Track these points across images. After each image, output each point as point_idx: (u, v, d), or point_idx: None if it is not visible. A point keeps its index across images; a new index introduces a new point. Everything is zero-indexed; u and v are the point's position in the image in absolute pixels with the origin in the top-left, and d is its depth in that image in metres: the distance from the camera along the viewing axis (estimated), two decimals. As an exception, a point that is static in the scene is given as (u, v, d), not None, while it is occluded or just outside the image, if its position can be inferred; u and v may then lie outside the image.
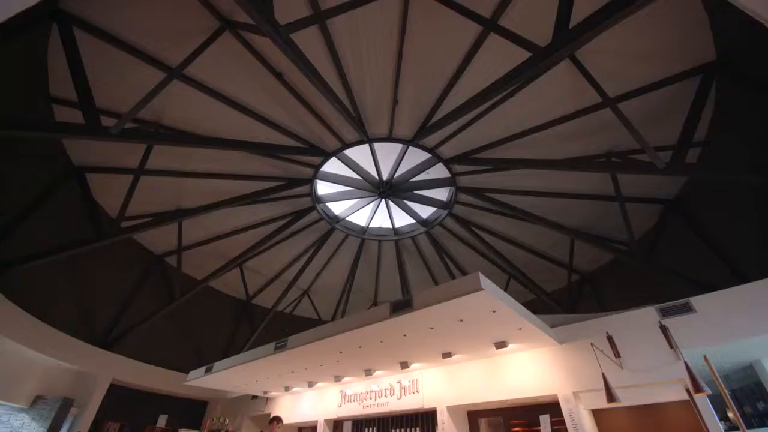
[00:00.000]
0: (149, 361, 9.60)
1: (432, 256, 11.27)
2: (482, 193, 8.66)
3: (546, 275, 10.59)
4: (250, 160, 7.87)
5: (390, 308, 4.38)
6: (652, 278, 7.76)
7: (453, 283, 3.97)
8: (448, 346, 5.41)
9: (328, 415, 7.84)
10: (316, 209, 9.54)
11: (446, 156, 8.00)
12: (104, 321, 9.00)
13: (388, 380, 7.08)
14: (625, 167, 6.50)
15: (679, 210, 7.53)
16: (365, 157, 8.71)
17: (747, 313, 4.15)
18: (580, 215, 8.63)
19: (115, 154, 7.33)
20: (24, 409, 7.39)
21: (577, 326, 5.23)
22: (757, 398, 5.52)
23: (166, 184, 8.13)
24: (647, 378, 4.34)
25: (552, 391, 5.04)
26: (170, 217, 8.22)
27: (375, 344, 5.33)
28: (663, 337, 4.43)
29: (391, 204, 10.11)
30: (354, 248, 11.20)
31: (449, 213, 9.59)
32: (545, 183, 8.11)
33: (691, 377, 3.24)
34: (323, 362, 6.35)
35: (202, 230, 9.63)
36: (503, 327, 4.63)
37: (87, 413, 8.01)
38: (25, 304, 6.82)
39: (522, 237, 9.93)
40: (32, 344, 6.86)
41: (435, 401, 6.24)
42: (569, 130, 6.87)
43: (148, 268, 10.05)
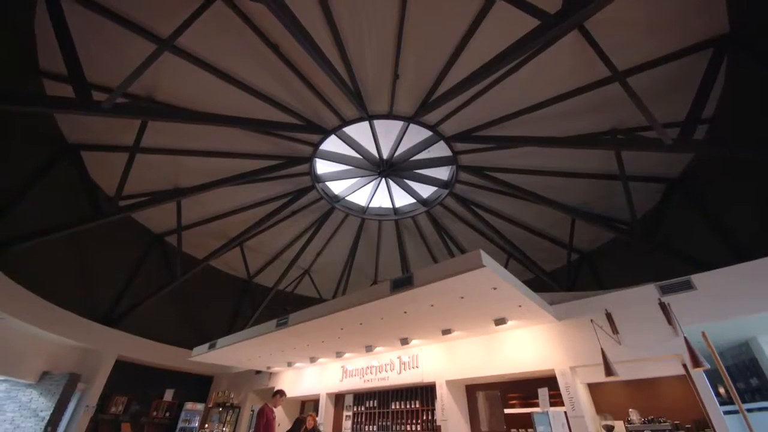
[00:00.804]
0: (153, 338, 9.78)
1: (432, 235, 11.27)
2: (483, 172, 8.55)
3: (545, 254, 10.63)
4: (248, 138, 7.71)
5: (390, 286, 4.39)
6: (651, 258, 7.77)
7: (454, 261, 3.95)
8: (448, 323, 5.47)
9: (330, 388, 8.05)
10: (316, 188, 9.45)
11: (448, 134, 7.84)
12: (106, 299, 9.10)
13: (388, 356, 7.22)
14: (631, 144, 6.37)
15: (683, 189, 7.45)
16: (365, 135, 8.54)
17: (747, 290, 4.17)
18: (581, 194, 8.55)
19: (110, 131, 7.18)
20: (31, 384, 7.58)
21: (576, 303, 5.27)
22: (750, 374, 5.64)
23: (163, 162, 8.02)
24: (644, 353, 4.41)
25: (549, 366, 5.13)
26: (168, 196, 8.14)
27: (375, 321, 5.39)
28: (662, 314, 4.46)
29: (391, 183, 10.01)
30: (354, 228, 11.19)
31: (450, 192, 9.50)
32: (547, 161, 7.99)
33: (690, 352, 3.27)
34: (324, 339, 6.45)
35: (202, 209, 9.58)
36: (503, 304, 4.66)
37: (94, 388, 8.22)
38: (26, 283, 6.85)
39: (522, 216, 9.89)
40: (36, 322, 6.94)
41: (434, 376, 6.38)
42: (573, 106, 6.70)
43: (149, 247, 10.08)
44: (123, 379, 9.44)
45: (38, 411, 7.22)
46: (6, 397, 7.51)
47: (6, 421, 7.22)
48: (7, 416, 7.27)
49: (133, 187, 8.14)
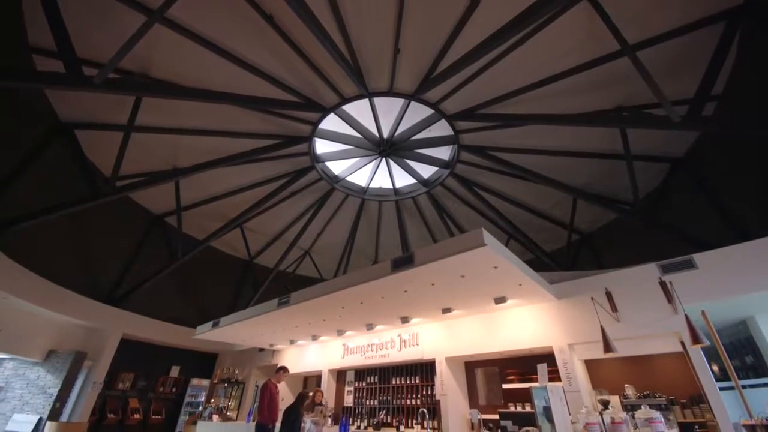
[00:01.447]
0: (157, 318, 9.92)
1: (432, 216, 11.23)
2: (485, 152, 8.41)
3: (546, 235, 10.63)
4: (246, 117, 7.54)
5: (391, 265, 4.38)
6: (652, 239, 7.75)
7: (455, 240, 3.92)
8: (449, 301, 5.50)
9: (332, 365, 8.22)
10: (315, 169, 9.33)
11: (449, 112, 7.65)
12: (108, 280, 9.17)
13: (388, 334, 7.33)
14: (638, 121, 6.22)
15: (686, 168, 7.35)
16: (365, 114, 8.35)
17: (748, 270, 4.16)
18: (583, 174, 8.45)
19: (104, 109, 7.02)
20: (38, 362, 7.74)
21: (575, 282, 5.29)
22: (746, 352, 5.75)
23: (160, 141, 7.88)
24: (643, 331, 4.45)
25: (548, 343, 5.21)
26: (166, 176, 8.05)
27: (376, 300, 5.42)
28: (661, 293, 4.48)
29: (391, 163, 9.88)
30: (354, 208, 11.13)
31: (451, 172, 9.39)
32: (550, 141, 7.85)
33: (691, 330, 3.30)
34: (326, 317, 6.52)
35: (201, 190, 9.50)
36: (504, 283, 4.67)
37: (101, 365, 8.40)
38: (27, 264, 6.86)
39: (523, 197, 9.82)
40: (39, 301, 7.01)
41: (434, 353, 6.49)
42: (578, 83, 6.50)
43: (149, 228, 10.07)
44: (129, 356, 9.65)
45: (46, 388, 7.40)
46: (14, 375, 7.69)
47: (15, 398, 7.41)
48: (16, 393, 7.46)
49: (131, 168, 8.05)
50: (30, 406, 7.21)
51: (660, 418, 2.71)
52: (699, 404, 4.41)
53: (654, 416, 2.72)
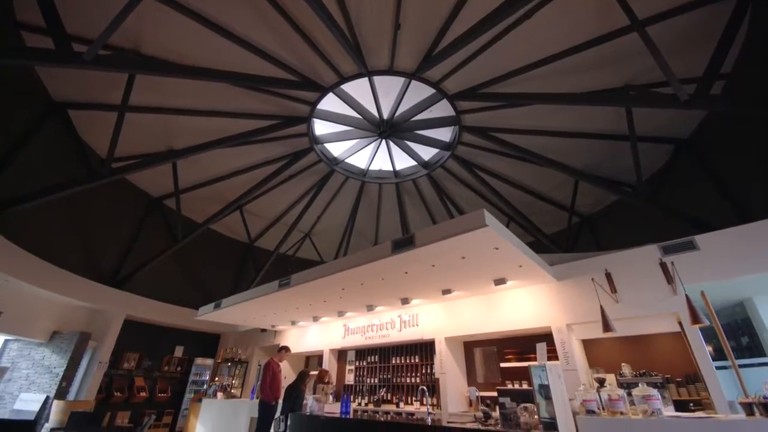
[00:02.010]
0: (160, 300, 10.01)
1: (433, 198, 11.17)
2: (487, 133, 8.27)
3: (546, 218, 10.60)
4: (243, 97, 7.37)
5: (391, 246, 4.36)
6: (652, 221, 7.73)
7: (456, 221, 3.89)
8: (449, 283, 5.52)
9: (333, 345, 8.36)
10: (315, 150, 9.21)
11: (451, 91, 7.47)
12: (109, 262, 9.19)
13: (389, 315, 7.41)
14: (645, 100, 6.08)
15: (691, 150, 7.25)
16: (365, 94, 8.16)
17: (748, 251, 4.15)
18: (586, 156, 8.34)
19: (97, 87, 6.85)
20: (43, 343, 7.85)
21: (575, 264, 5.30)
22: (742, 333, 5.82)
23: (155, 122, 7.73)
24: (641, 311, 4.48)
25: (546, 324, 5.26)
26: (163, 157, 7.94)
27: (376, 281, 5.44)
28: (661, 274, 4.48)
29: (391, 145, 9.74)
30: (354, 191, 11.06)
31: (452, 154, 9.27)
32: (553, 121, 7.71)
33: (691, 310, 3.31)
34: (326, 299, 6.57)
35: (199, 172, 9.41)
36: (504, 264, 4.67)
37: (105, 345, 8.53)
38: (27, 247, 6.85)
39: (524, 179, 9.73)
40: (42, 284, 7.03)
41: (433, 333, 6.58)
42: (584, 61, 6.31)
43: (148, 211, 10.04)
44: (133, 337, 9.79)
45: (51, 368, 7.54)
46: (19, 356, 7.81)
47: (21, 377, 7.56)
48: (22, 373, 7.60)
49: (127, 149, 7.93)
50: (36, 386, 7.36)
51: (657, 395, 2.75)
52: (694, 383, 4.49)
53: (651, 393, 2.76)
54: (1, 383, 7.38)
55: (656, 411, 2.66)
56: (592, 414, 2.98)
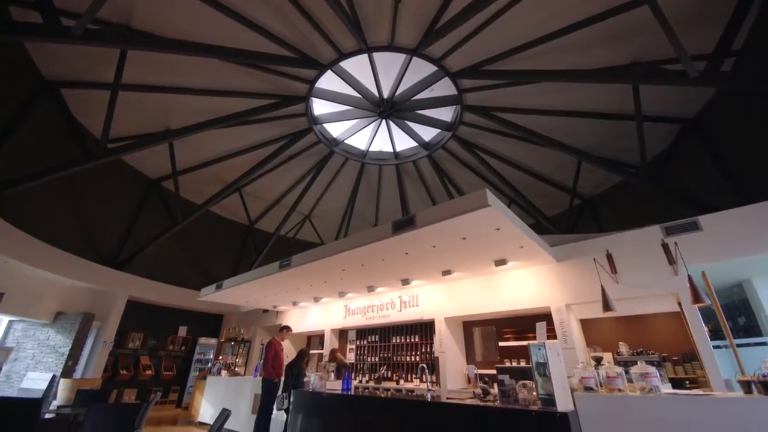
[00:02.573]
0: (161, 281, 10.09)
1: (433, 180, 11.08)
2: (489, 112, 8.10)
3: (547, 199, 10.54)
4: (239, 75, 7.17)
5: (392, 227, 4.33)
6: (655, 203, 7.66)
7: (458, 200, 3.83)
8: (449, 264, 5.52)
9: (334, 325, 8.47)
10: (313, 131, 9.05)
11: (453, 69, 7.26)
12: (109, 244, 9.21)
13: (389, 296, 7.47)
14: (653, 76, 5.90)
15: (697, 130, 7.11)
16: (364, 72, 7.94)
17: (751, 232, 4.11)
18: (590, 136, 8.19)
19: (88, 65, 6.66)
20: (47, 324, 7.96)
21: (577, 245, 5.28)
22: (739, 314, 5.87)
23: (150, 101, 7.55)
24: (641, 292, 4.49)
25: (545, 304, 5.30)
26: (159, 138, 7.80)
27: (377, 263, 5.44)
28: (662, 255, 4.46)
29: (392, 125, 9.57)
30: (354, 172, 10.96)
31: (453, 135, 9.12)
32: (558, 100, 7.53)
33: (693, 289, 3.31)
34: (327, 280, 6.60)
35: (197, 154, 9.29)
36: (505, 245, 4.64)
37: (110, 325, 8.66)
38: (27, 229, 6.83)
39: (526, 160, 9.61)
40: (43, 265, 7.06)
41: (433, 313, 6.64)
42: (591, 36, 6.10)
43: (146, 192, 9.98)
44: (137, 317, 9.94)
45: (57, 347, 7.66)
46: (24, 336, 7.93)
47: (27, 357, 7.70)
48: (28, 353, 7.74)
49: (122, 129, 7.80)
50: (43, 365, 7.51)
51: (655, 372, 2.78)
52: (691, 361, 4.55)
53: (649, 371, 2.78)
54: (8, 363, 7.53)
55: (654, 388, 2.69)
56: (590, 391, 3.02)
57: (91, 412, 3.37)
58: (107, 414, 3.53)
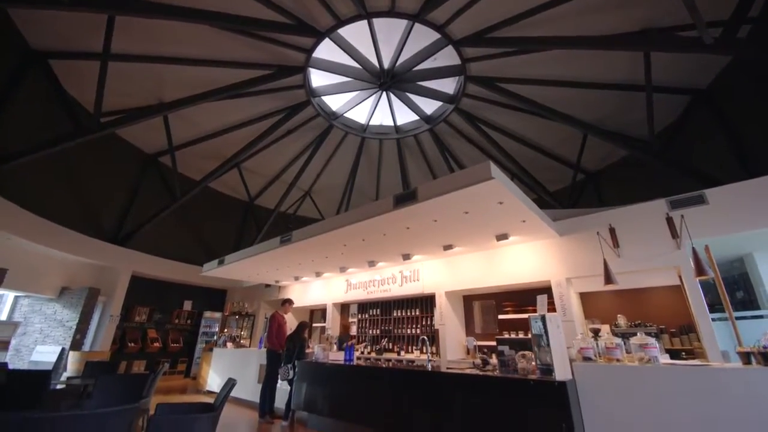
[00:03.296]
0: (164, 257, 10.16)
1: (435, 155, 10.90)
2: (494, 83, 7.82)
3: (549, 174, 10.40)
4: (234, 44, 6.87)
5: (393, 201, 4.27)
6: (660, 178, 7.53)
7: (461, 173, 3.75)
8: (450, 238, 5.50)
9: (336, 299, 8.60)
10: (312, 104, 8.79)
11: (457, 37, 6.94)
12: (110, 220, 9.20)
13: (390, 270, 7.52)
14: (666, 43, 5.64)
15: (707, 101, 6.88)
16: (364, 41, 7.60)
17: (757, 206, 4.04)
18: (597, 108, 7.95)
19: (76, 34, 6.38)
20: (53, 299, 8.08)
21: (579, 219, 5.24)
22: (737, 288, 5.91)
23: (142, 73, 7.29)
24: (643, 265, 4.49)
25: (546, 278, 5.32)
26: (153, 111, 7.60)
27: (378, 237, 5.42)
28: (666, 229, 4.42)
29: (392, 97, 9.28)
30: (354, 147, 10.76)
31: (455, 107, 8.86)
32: (565, 70, 7.24)
33: (697, 263, 3.29)
34: (328, 255, 6.62)
35: (193, 128, 9.08)
36: (508, 219, 4.60)
37: (115, 300, 8.79)
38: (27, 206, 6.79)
39: (529, 134, 9.39)
40: (44, 241, 7.07)
41: (434, 288, 6.71)
42: (600, 2, 5.78)
43: (144, 168, 9.86)
44: (142, 292, 10.10)
45: (64, 321, 7.82)
46: (30, 311, 8.08)
47: (35, 331, 7.87)
48: (36, 327, 7.91)
49: (115, 103, 7.58)
50: (51, 339, 7.68)
51: (655, 343, 2.81)
52: (688, 333, 4.62)
53: (649, 342, 2.81)
54: (16, 337, 7.71)
55: (653, 358, 2.73)
56: (589, 361, 3.07)
57: (99, 381, 3.46)
58: (116, 383, 3.62)
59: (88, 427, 1.64)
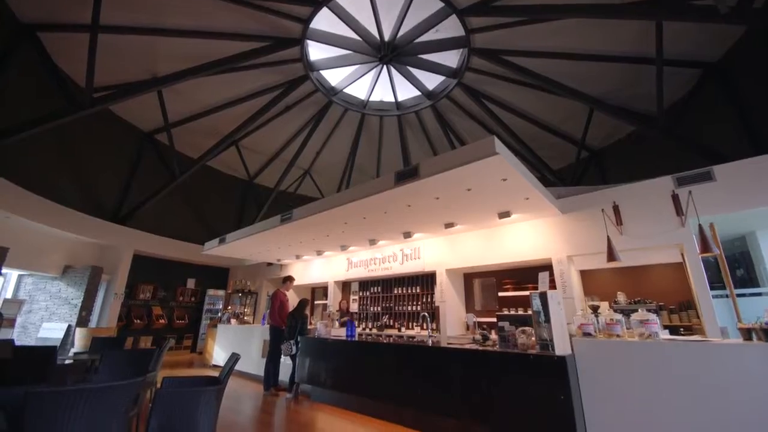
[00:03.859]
0: (165, 236, 10.17)
1: (436, 133, 10.69)
2: (499, 56, 7.55)
3: (553, 152, 10.24)
4: (229, 13, 6.58)
5: (395, 178, 4.19)
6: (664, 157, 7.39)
7: (464, 149, 3.66)
8: (452, 216, 5.46)
9: (337, 277, 8.67)
10: (310, 78, 8.54)
11: (462, 5, 6.63)
12: (110, 199, 9.15)
13: (391, 249, 7.54)
14: (680, 12, 5.38)
15: (718, 75, 6.65)
16: (363, 10, 7.29)
17: (766, 183, 3.96)
18: (605, 82, 7.70)
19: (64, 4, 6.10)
20: (57, 277, 8.15)
21: (583, 197, 5.17)
22: (738, 266, 5.93)
23: (133, 45, 7.04)
24: (646, 243, 4.46)
25: (547, 255, 5.32)
26: (146, 86, 7.39)
27: (379, 215, 5.38)
28: (671, 206, 4.37)
29: (393, 71, 9.00)
30: (354, 124, 10.55)
31: (458, 82, 8.60)
32: (573, 42, 6.96)
33: (703, 239, 3.26)
34: (329, 233, 6.60)
35: (189, 104, 8.87)
36: (511, 196, 4.54)
37: (119, 278, 8.87)
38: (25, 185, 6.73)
39: (534, 110, 9.16)
40: (45, 220, 7.05)
41: (435, 265, 6.73)
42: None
43: (140, 146, 9.72)
44: (146, 270, 10.19)
45: (69, 299, 7.92)
46: (35, 289, 8.17)
47: (41, 309, 8.00)
48: (41, 305, 8.03)
49: (108, 78, 7.38)
50: (57, 316, 7.81)
51: (656, 319, 2.82)
52: (687, 310, 4.66)
53: (650, 318, 2.82)
54: (22, 315, 7.83)
55: (653, 334, 2.74)
56: (589, 336, 3.09)
57: (106, 356, 3.51)
58: (122, 358, 3.69)
59: (92, 401, 1.65)
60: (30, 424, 1.46)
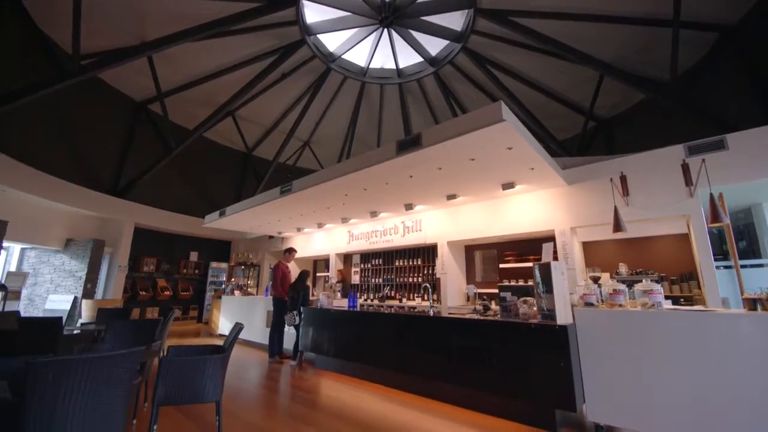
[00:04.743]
0: (165, 209, 10.13)
1: (439, 102, 10.35)
2: (507, 18, 7.14)
3: (559, 122, 9.95)
4: (216, -30, 6.16)
5: (396, 147, 4.06)
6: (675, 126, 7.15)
7: (469, 116, 3.50)
8: (455, 187, 5.36)
9: (338, 250, 8.70)
10: (307, 43, 8.14)
11: (468, -40, 6.19)
12: (107, 172, 9.01)
13: (392, 221, 7.50)
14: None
15: (735, 40, 6.30)
16: (363, -34, 6.81)
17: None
18: (616, 46, 7.33)
19: (38, -41, 5.69)
20: (59, 250, 8.18)
21: (590, 167, 5.04)
22: (741, 238, 5.91)
23: (121, 8, 6.65)
24: (651, 214, 4.39)
25: (550, 227, 5.27)
26: (136, 52, 7.05)
27: (380, 186, 5.28)
28: (680, 176, 4.25)
29: (394, 35, 8.56)
30: (354, 93, 10.20)
31: (463, 47, 8.20)
32: (584, 2, 6.56)
33: (713, 209, 3.18)
34: (329, 205, 6.53)
35: (182, 71, 8.52)
36: (516, 166, 4.42)
37: (121, 251, 8.92)
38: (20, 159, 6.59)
39: (541, 76, 8.79)
40: (42, 193, 6.97)
41: (436, 238, 6.72)
42: None
43: (134, 117, 9.44)
44: (148, 243, 10.24)
45: (73, 272, 7.99)
46: (39, 262, 8.23)
47: (46, 281, 8.08)
48: (46, 278, 8.11)
49: (96, 44, 7.04)
50: (62, 288, 7.91)
51: (659, 289, 2.80)
52: (688, 281, 4.67)
53: (654, 288, 2.80)
54: (28, 287, 7.93)
55: (656, 304, 2.74)
56: (591, 306, 3.10)
57: (112, 326, 3.55)
58: (128, 328, 3.73)
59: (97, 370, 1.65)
60: (31, 393, 1.45)
